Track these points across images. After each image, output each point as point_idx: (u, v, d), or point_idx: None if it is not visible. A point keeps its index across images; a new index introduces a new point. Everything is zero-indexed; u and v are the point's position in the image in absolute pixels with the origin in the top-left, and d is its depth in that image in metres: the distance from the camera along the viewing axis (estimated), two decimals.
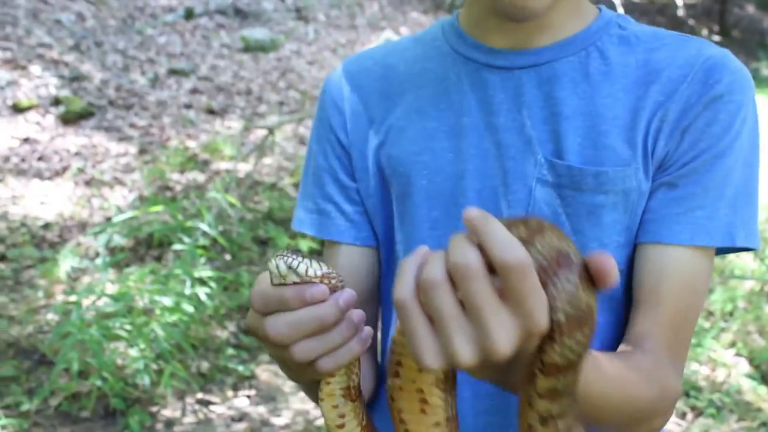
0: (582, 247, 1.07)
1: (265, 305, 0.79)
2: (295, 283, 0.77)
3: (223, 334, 4.48)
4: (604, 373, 0.91)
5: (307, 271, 0.77)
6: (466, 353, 0.62)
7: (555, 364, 0.66)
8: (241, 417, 3.90)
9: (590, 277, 0.64)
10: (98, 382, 3.81)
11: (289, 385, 4.15)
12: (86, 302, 4.28)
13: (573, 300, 0.64)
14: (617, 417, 0.94)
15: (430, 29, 1.25)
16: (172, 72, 8.16)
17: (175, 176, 6.32)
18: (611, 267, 0.63)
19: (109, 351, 3.98)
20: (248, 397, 4.07)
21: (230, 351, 4.33)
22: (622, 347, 1.06)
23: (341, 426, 0.86)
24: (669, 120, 1.06)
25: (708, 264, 1.08)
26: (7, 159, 6.28)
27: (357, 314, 0.80)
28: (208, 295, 4.48)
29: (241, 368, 4.22)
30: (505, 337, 0.61)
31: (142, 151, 6.69)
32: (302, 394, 4.07)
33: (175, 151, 6.70)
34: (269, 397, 4.07)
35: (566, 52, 1.11)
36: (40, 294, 4.71)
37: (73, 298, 4.37)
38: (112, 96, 7.47)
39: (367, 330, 0.82)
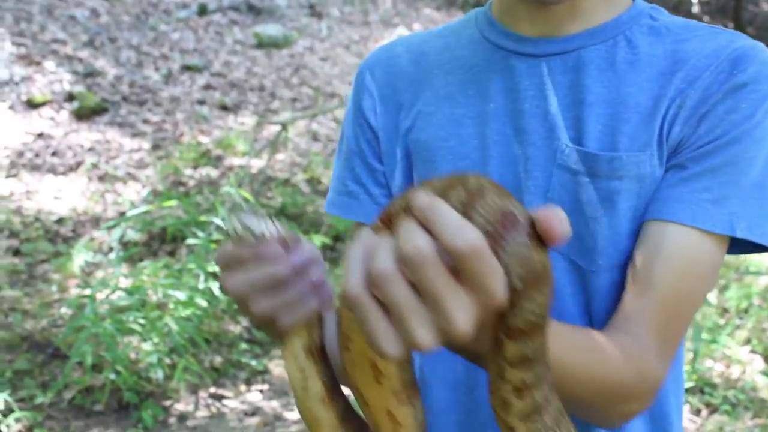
0: (597, 235, 1.06)
1: (226, 262, 0.83)
2: (252, 242, 0.81)
3: (236, 328, 4.48)
4: (578, 345, 0.91)
5: (262, 231, 0.81)
6: (426, 339, 0.60)
7: (519, 329, 0.64)
8: (254, 411, 3.90)
9: (540, 235, 0.62)
10: (112, 376, 3.82)
11: None
12: (100, 296, 4.29)
13: (525, 262, 0.61)
14: (589, 393, 0.92)
15: (465, 17, 1.26)
16: (186, 68, 8.17)
17: (189, 172, 6.33)
18: (560, 221, 0.61)
19: (122, 345, 3.99)
20: (261, 391, 4.07)
21: (243, 345, 4.34)
22: (607, 324, 1.04)
23: (304, 388, 0.85)
24: (687, 106, 1.04)
25: (713, 252, 1.04)
26: (21, 154, 6.31)
27: (316, 273, 0.82)
28: (221, 289, 4.48)
29: (254, 363, 4.22)
30: (464, 317, 0.59)
31: (156, 147, 6.70)
32: None
33: (188, 146, 6.71)
34: (282, 391, 4.07)
35: (594, 41, 1.10)
36: (54, 288, 4.73)
37: (87, 291, 4.39)
38: (126, 92, 7.49)
39: (329, 290, 0.83)
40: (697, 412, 3.94)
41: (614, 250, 1.06)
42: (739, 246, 1.06)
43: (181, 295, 4.30)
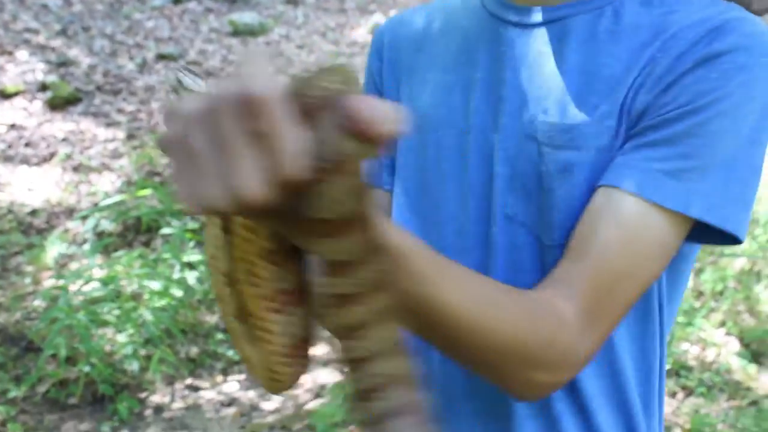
0: (552, 208, 1.04)
1: (164, 118, 0.84)
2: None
3: (212, 318, 4.46)
4: (477, 293, 0.87)
5: (191, 87, 0.82)
6: (213, 195, 0.57)
7: (324, 220, 0.61)
8: (231, 402, 3.89)
9: (355, 129, 0.58)
10: (86, 368, 3.79)
11: None
12: (73, 287, 4.25)
13: (330, 142, 0.58)
14: (484, 349, 0.87)
15: None
16: (161, 57, 8.10)
17: (164, 161, 6.28)
18: (384, 118, 0.57)
19: (97, 337, 3.96)
20: (238, 381, 4.05)
21: (219, 336, 4.31)
22: (535, 286, 0.99)
23: (214, 259, 0.82)
24: (655, 74, 0.99)
25: (662, 229, 0.96)
26: None
27: None
28: (197, 279, 4.46)
29: (230, 353, 4.20)
30: (252, 179, 0.56)
31: (131, 137, 6.64)
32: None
33: None
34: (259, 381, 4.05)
35: (582, 10, 1.08)
36: (28, 281, 4.68)
37: (60, 283, 4.35)
38: (100, 81, 7.41)
39: None
40: (673, 395, 3.96)
41: (569, 225, 1.02)
42: (709, 236, 1.00)
43: (156, 285, 4.26)
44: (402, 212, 1.23)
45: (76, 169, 6.10)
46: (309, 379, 4.03)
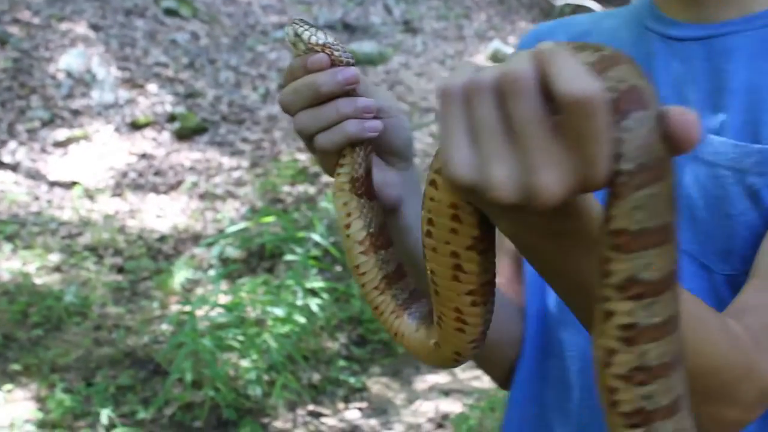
0: (735, 235, 0.94)
1: (285, 77, 0.86)
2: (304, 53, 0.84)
3: (334, 345, 4.44)
4: (690, 312, 0.75)
5: (310, 38, 0.83)
6: (503, 184, 0.51)
7: (625, 231, 0.51)
8: (352, 429, 3.84)
9: (667, 134, 0.51)
10: (211, 393, 3.83)
11: (400, 398, 4.07)
12: (200, 313, 4.32)
13: (647, 146, 0.50)
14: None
15: (632, 1, 1.21)
16: (283, 87, 8.26)
17: (286, 189, 6.36)
18: (695, 124, 0.50)
19: (221, 362, 4.00)
20: (360, 409, 4.01)
21: (341, 362, 4.29)
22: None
23: (348, 226, 0.84)
24: None
25: None
26: (125, 174, 6.46)
27: (363, 101, 0.82)
28: (319, 306, 4.45)
29: (352, 380, 4.17)
30: (553, 179, 0.49)
31: (254, 165, 6.77)
32: (414, 406, 3.99)
33: (286, 164, 6.75)
34: (381, 409, 4.00)
35: (747, 27, 1.00)
36: (156, 305, 4.79)
37: (187, 308, 4.42)
38: (225, 111, 7.60)
39: (376, 123, 0.83)
40: None
41: (752, 254, 0.94)
42: None
43: (280, 312, 4.28)
44: None
45: (202, 196, 6.25)
46: (432, 408, 3.95)
